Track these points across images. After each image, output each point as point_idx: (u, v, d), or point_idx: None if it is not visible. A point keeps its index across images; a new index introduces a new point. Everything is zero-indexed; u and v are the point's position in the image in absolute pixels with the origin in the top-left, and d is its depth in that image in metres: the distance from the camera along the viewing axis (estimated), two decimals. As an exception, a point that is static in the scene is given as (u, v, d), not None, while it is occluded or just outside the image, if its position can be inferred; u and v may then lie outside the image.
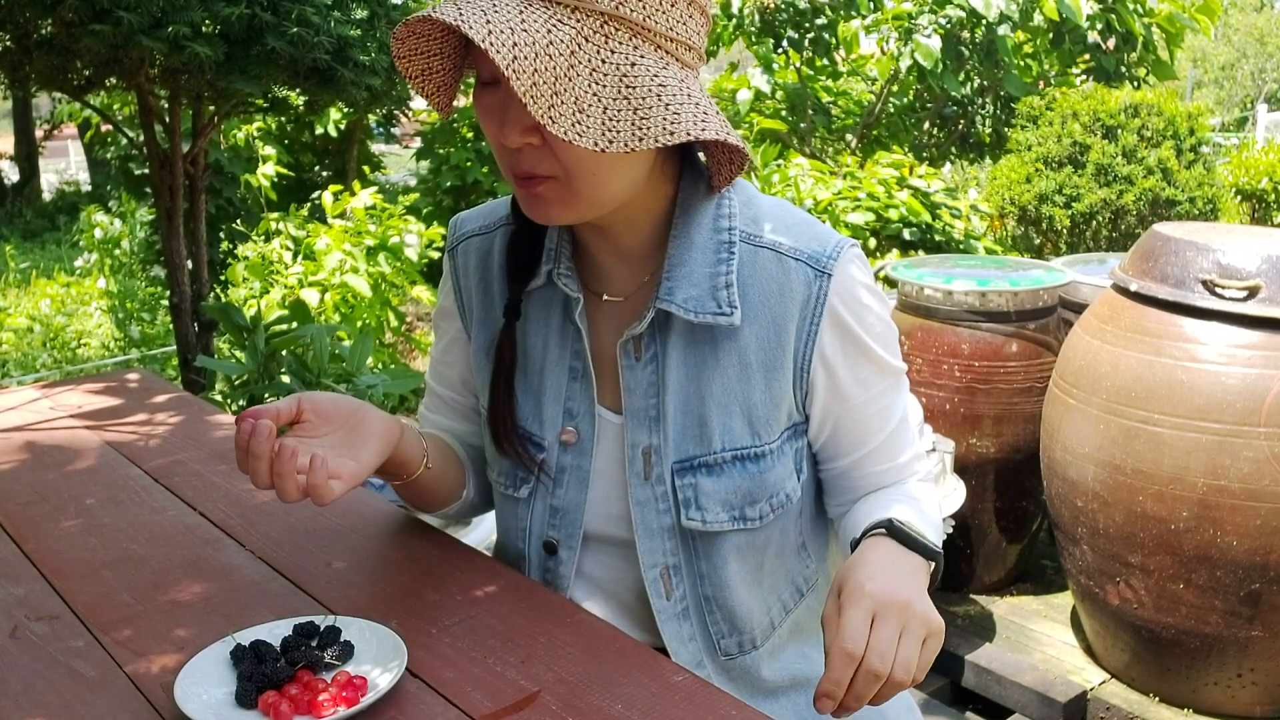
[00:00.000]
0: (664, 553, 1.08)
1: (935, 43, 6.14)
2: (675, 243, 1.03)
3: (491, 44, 0.81)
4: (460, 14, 0.83)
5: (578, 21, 0.86)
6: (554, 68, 0.84)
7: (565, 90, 0.85)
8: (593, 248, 1.08)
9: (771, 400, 1.04)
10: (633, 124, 0.87)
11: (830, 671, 0.85)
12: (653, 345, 1.05)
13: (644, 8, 0.88)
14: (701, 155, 1.06)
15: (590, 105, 0.86)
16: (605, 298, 1.09)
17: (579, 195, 0.95)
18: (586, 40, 0.86)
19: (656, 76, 0.88)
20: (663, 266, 1.03)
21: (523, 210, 1.00)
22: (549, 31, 0.84)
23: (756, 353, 1.03)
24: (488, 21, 0.83)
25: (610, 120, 0.86)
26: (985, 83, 6.84)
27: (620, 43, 0.87)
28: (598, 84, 0.86)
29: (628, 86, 0.87)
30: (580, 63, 0.86)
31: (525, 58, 0.82)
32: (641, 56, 0.88)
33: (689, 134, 0.87)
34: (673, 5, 0.90)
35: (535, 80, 0.83)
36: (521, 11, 0.85)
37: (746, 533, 1.07)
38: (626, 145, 0.86)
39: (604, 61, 0.86)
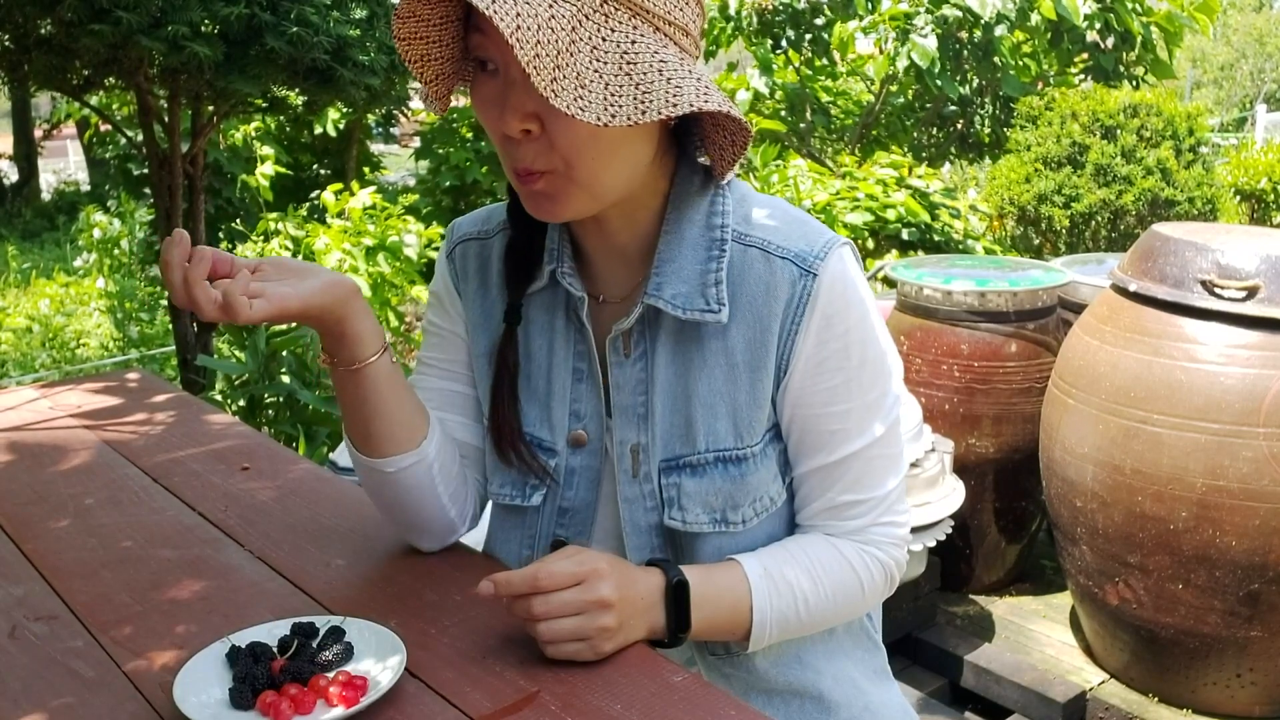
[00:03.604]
0: (651, 549, 1.07)
1: (931, 43, 6.14)
2: (666, 239, 1.03)
3: (495, 11, 0.82)
4: None
5: (578, 0, 0.87)
6: (555, 42, 0.84)
7: (567, 65, 0.85)
8: (590, 249, 1.08)
9: (755, 402, 1.03)
10: (634, 98, 0.87)
11: (514, 576, 0.94)
12: (642, 342, 1.05)
13: None
14: (700, 155, 1.05)
15: (592, 81, 0.86)
16: (602, 299, 1.09)
17: (579, 186, 0.95)
18: (586, 19, 0.87)
19: (658, 54, 0.89)
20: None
21: (525, 209, 0.99)
22: (550, 6, 0.85)
23: (743, 353, 1.02)
24: None
25: (612, 95, 0.87)
26: (984, 83, 6.84)
27: (620, 22, 0.88)
28: (599, 60, 0.87)
29: (629, 63, 0.88)
30: (581, 39, 0.86)
31: (529, 28, 0.83)
32: (641, 35, 0.89)
33: (691, 104, 0.87)
34: None
35: (539, 52, 0.83)
36: None
37: (729, 536, 1.06)
38: (629, 119, 0.86)
39: (604, 40, 0.87)
